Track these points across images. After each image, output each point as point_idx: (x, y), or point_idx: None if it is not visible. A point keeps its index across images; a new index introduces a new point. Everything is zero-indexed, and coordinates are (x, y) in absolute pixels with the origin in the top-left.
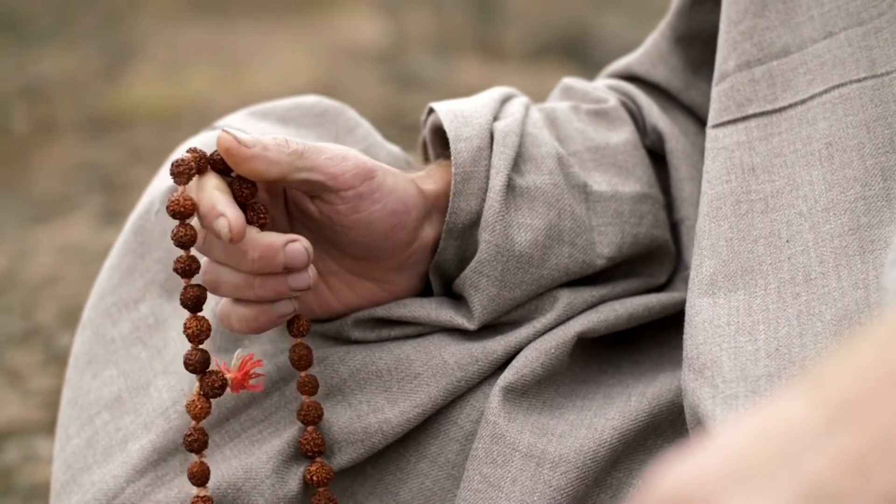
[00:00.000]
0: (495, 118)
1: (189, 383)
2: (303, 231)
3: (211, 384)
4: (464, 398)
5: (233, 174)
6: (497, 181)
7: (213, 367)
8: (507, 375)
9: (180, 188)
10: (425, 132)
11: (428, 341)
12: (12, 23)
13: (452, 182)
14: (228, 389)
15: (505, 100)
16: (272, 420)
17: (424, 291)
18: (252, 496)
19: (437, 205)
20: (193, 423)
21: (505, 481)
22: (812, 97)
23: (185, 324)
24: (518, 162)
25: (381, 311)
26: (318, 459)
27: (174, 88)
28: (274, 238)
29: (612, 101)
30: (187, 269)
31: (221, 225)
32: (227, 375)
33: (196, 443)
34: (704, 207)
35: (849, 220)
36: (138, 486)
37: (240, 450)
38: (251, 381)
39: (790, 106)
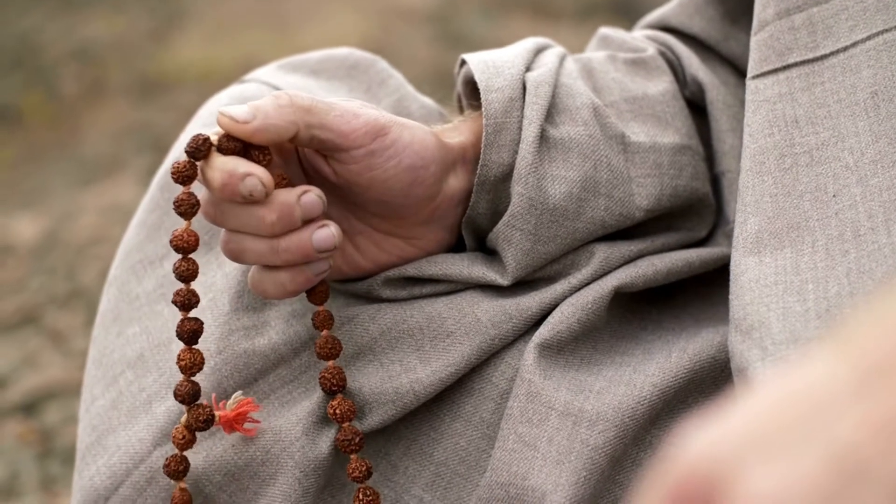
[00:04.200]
0: (528, 69)
1: (214, 341)
2: (326, 192)
3: (196, 417)
4: (498, 356)
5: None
6: (529, 132)
7: (203, 400)
8: (543, 332)
9: (185, 224)
10: (458, 84)
11: (461, 298)
12: None
13: (483, 134)
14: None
15: (539, 50)
16: (301, 380)
17: (457, 246)
18: (282, 459)
19: (465, 156)
20: (177, 450)
21: (541, 441)
22: (855, 44)
23: (178, 355)
24: (552, 113)
25: (411, 270)
26: (345, 425)
27: (223, 51)
28: (286, 195)
29: (651, 50)
30: (186, 302)
31: (252, 184)
32: (217, 412)
33: (176, 471)
34: (747, 162)
35: None
36: (165, 449)
37: (269, 411)
38: (245, 426)
39: (832, 54)
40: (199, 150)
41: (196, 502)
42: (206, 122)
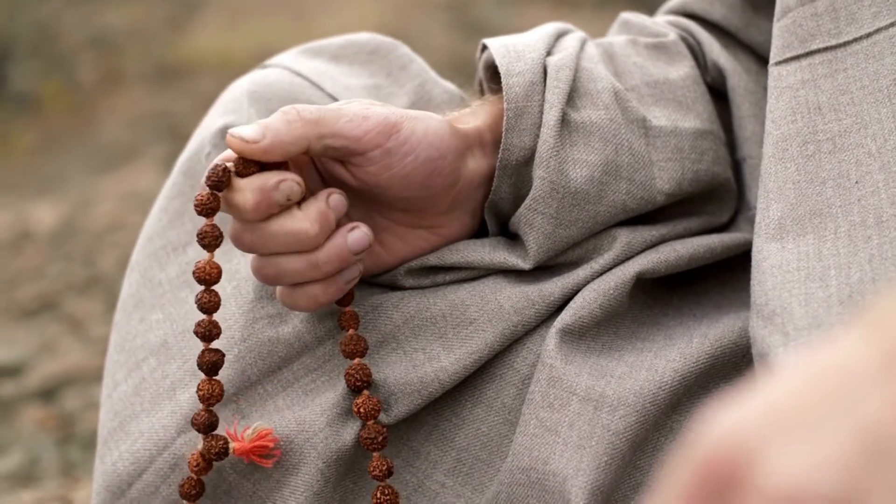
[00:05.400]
0: (549, 53)
1: (239, 329)
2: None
3: (210, 448)
4: (520, 341)
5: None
6: (551, 116)
7: (221, 430)
8: (565, 317)
9: (208, 255)
10: (479, 69)
11: (483, 285)
12: None
13: (505, 118)
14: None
15: (560, 35)
16: (325, 369)
17: (481, 231)
18: (304, 449)
19: (482, 139)
20: (192, 474)
21: (562, 425)
22: (878, 31)
23: (198, 385)
24: (573, 97)
25: (433, 259)
26: (370, 423)
27: (240, 38)
28: (317, 203)
29: (672, 35)
30: (207, 334)
31: (288, 187)
32: (233, 444)
33: (189, 494)
34: (769, 149)
35: None
36: (189, 436)
37: (293, 400)
38: (261, 457)
39: (855, 40)
40: (221, 181)
41: (220, 490)
42: (226, 108)
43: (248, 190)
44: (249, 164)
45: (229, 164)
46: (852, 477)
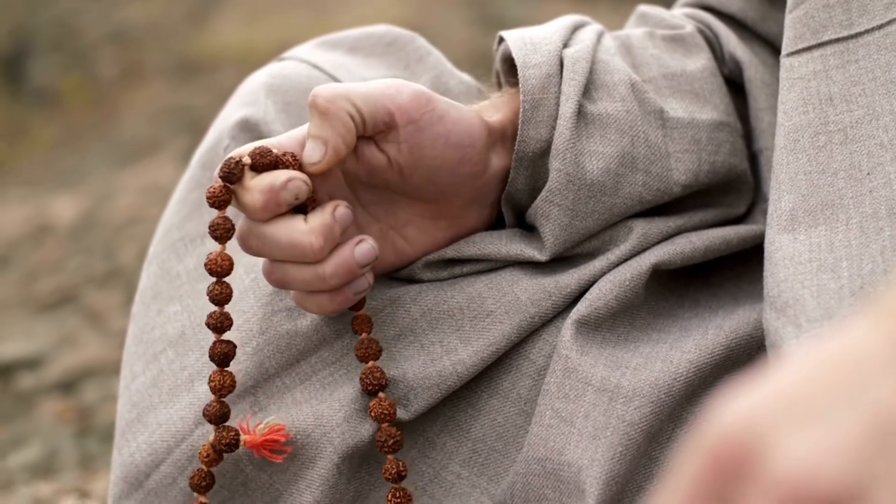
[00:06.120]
0: (566, 45)
1: (257, 322)
2: (365, 191)
3: (221, 439)
4: (537, 332)
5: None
6: (567, 108)
7: (234, 422)
8: (581, 308)
9: (219, 247)
10: (496, 61)
11: (500, 277)
12: None
13: (521, 109)
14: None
15: (577, 27)
16: (343, 362)
17: (497, 222)
18: (321, 444)
19: (504, 134)
20: (202, 465)
21: (577, 416)
22: (890, 22)
23: (210, 377)
24: (589, 89)
25: (450, 252)
26: (384, 426)
27: (261, 32)
28: (321, 216)
29: (689, 27)
30: (219, 325)
31: (295, 186)
32: (245, 437)
33: (199, 486)
34: (781, 140)
35: None
36: (207, 428)
37: (310, 394)
38: (272, 451)
39: (867, 31)
40: (233, 173)
41: (237, 482)
42: (244, 100)
43: (256, 190)
44: (266, 156)
45: (245, 158)
46: (862, 463)
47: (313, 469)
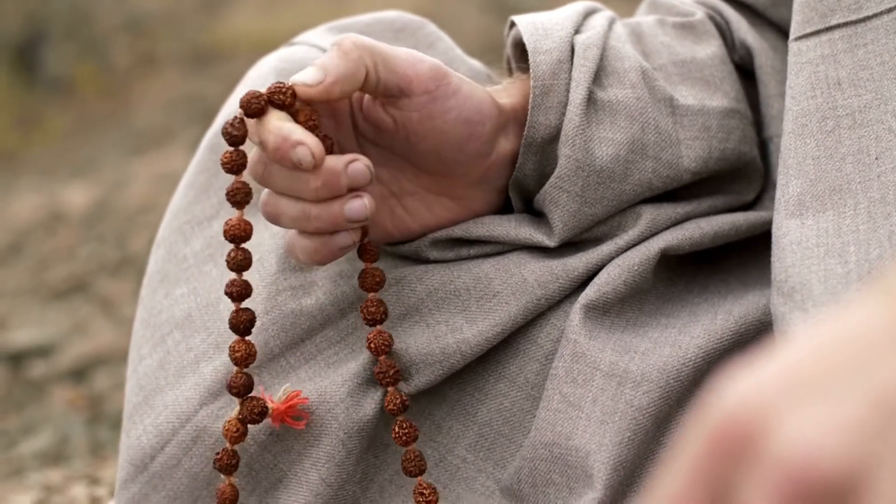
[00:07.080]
0: (577, 31)
1: (262, 301)
2: (374, 152)
3: (251, 409)
4: (544, 316)
5: (296, 104)
6: (577, 94)
7: (256, 392)
8: (589, 293)
9: (237, 212)
10: (507, 47)
11: (507, 259)
12: None
13: (531, 95)
14: (269, 420)
15: (588, 13)
16: (348, 341)
17: (505, 208)
18: (326, 420)
19: (515, 119)
20: (227, 444)
21: (585, 401)
22: None
23: (232, 346)
24: (600, 75)
25: (458, 231)
26: (390, 389)
27: (276, 21)
28: (334, 161)
29: (700, 14)
30: (241, 292)
31: (302, 153)
32: (270, 405)
33: (227, 465)
34: (789, 125)
35: None
36: (212, 408)
37: (315, 372)
38: (293, 418)
39: (875, 15)
40: (252, 104)
41: (242, 461)
42: (253, 84)
43: (273, 133)
44: (281, 102)
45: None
46: (866, 442)
47: (318, 447)
